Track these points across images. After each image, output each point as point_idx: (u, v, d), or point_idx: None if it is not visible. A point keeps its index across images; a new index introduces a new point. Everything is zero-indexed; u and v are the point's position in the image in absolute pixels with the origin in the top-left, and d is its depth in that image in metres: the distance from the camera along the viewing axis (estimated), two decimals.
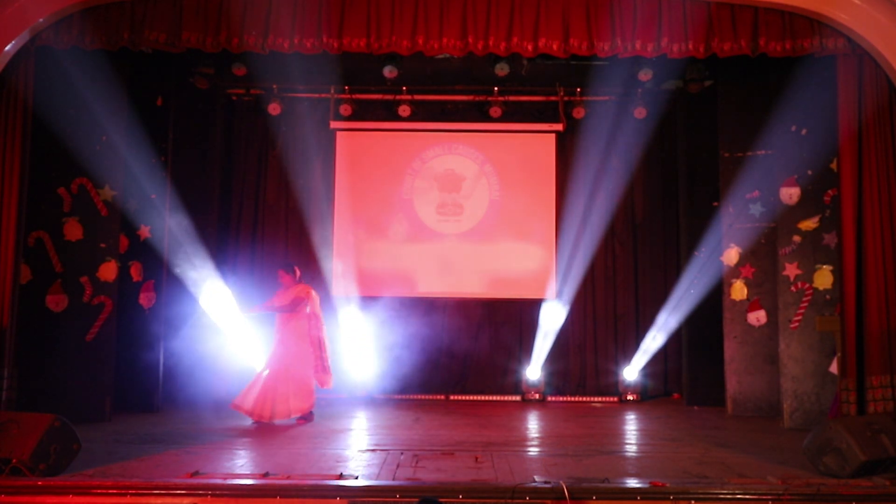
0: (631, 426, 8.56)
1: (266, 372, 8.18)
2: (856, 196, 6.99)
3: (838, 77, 7.09)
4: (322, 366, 8.26)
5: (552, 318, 10.41)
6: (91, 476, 5.39)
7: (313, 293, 8.42)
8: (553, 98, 10.53)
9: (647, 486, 5.23)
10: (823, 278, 8.07)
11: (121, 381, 8.29)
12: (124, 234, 8.48)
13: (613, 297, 10.83)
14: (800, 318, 8.09)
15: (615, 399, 10.29)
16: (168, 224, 8.97)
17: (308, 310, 8.32)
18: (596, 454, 6.53)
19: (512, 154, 10.81)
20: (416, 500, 4.71)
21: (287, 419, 8.06)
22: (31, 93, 7.05)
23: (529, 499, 4.99)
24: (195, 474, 5.45)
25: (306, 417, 8.18)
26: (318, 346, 8.28)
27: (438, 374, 10.59)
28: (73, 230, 7.92)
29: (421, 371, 10.45)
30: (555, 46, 7.06)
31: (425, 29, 7.05)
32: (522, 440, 7.57)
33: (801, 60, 7.37)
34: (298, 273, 8.54)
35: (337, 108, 10.46)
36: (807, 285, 8.12)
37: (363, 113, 10.65)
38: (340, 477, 5.49)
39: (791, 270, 8.17)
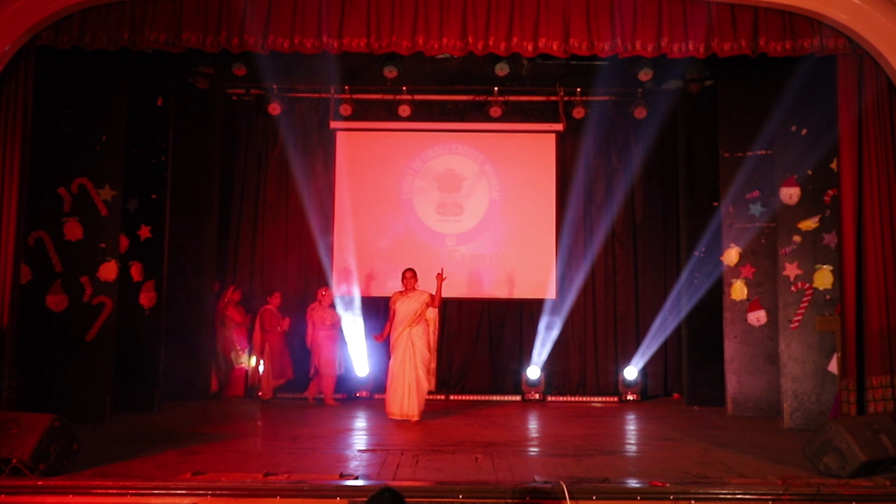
0: (631, 426, 8.56)
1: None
2: (856, 196, 6.99)
3: (838, 77, 7.09)
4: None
5: (552, 318, 10.41)
6: (91, 476, 5.40)
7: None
8: (553, 98, 10.52)
9: (647, 486, 5.23)
10: (823, 278, 8.06)
11: (121, 381, 8.28)
12: (124, 234, 8.47)
13: (613, 297, 10.83)
14: (800, 318, 8.08)
15: (615, 399, 10.28)
16: (168, 224, 8.97)
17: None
18: (596, 454, 6.53)
19: (512, 154, 10.80)
20: (417, 500, 4.69)
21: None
22: (31, 93, 7.04)
23: (529, 499, 4.98)
24: (195, 474, 5.44)
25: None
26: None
27: (438, 374, 10.56)
28: (73, 230, 7.91)
29: None
30: (555, 46, 7.07)
31: (425, 29, 7.05)
32: (522, 440, 7.57)
33: (801, 60, 7.36)
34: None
35: (337, 107, 10.44)
36: (807, 285, 8.11)
37: (363, 113, 10.65)
38: (340, 477, 5.49)
39: (791, 270, 8.17)
